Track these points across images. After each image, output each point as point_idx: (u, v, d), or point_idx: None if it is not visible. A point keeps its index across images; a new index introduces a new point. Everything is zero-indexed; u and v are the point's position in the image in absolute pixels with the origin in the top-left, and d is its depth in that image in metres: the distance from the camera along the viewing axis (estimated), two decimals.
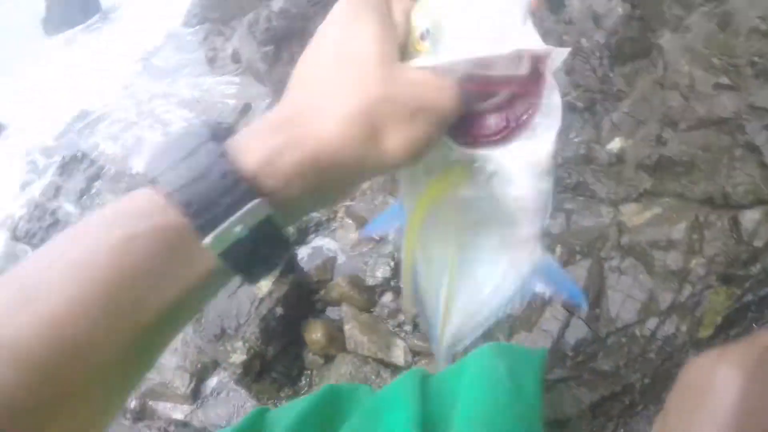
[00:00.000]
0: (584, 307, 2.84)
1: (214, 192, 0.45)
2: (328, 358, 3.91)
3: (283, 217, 0.48)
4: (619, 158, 2.71)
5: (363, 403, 0.69)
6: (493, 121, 0.53)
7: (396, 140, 0.48)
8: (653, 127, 2.53)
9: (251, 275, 0.49)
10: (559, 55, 0.49)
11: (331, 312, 4.06)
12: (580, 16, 2.81)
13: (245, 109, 6.22)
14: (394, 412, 0.62)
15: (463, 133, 0.54)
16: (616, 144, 2.74)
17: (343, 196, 0.50)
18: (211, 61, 7.00)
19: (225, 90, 6.63)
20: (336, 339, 3.91)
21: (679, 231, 2.38)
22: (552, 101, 0.52)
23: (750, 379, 0.45)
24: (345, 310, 3.93)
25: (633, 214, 2.67)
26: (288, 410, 0.70)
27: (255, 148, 0.47)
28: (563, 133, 3.08)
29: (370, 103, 0.48)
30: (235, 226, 0.45)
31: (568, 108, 3.10)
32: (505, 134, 0.52)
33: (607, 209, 2.89)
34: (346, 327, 3.87)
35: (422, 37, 0.51)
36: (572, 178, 3.23)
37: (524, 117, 0.52)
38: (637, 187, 2.64)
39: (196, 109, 6.68)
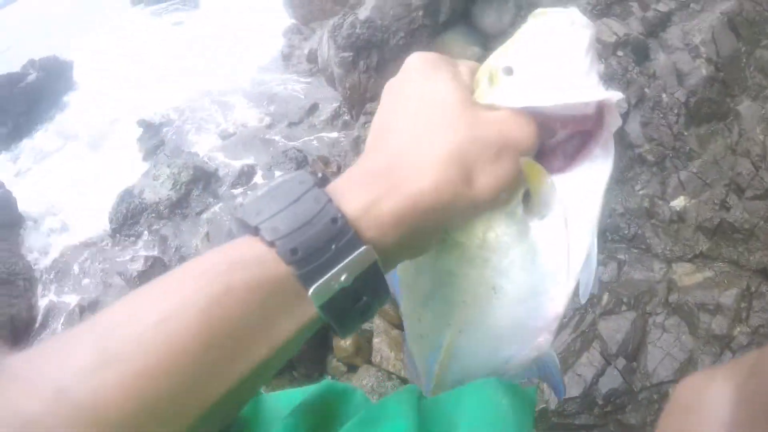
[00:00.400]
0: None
1: (322, 238, 0.45)
2: (352, 368, 4.12)
3: (382, 265, 0.48)
4: (681, 217, 2.86)
5: (360, 410, 0.67)
6: (556, 153, 0.58)
7: (485, 179, 0.51)
8: (719, 191, 2.69)
9: (347, 327, 0.49)
10: (618, 98, 0.56)
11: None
12: (665, 71, 3.00)
13: (312, 109, 6.58)
14: (392, 423, 0.61)
15: None
16: (679, 202, 2.90)
17: (434, 242, 0.55)
18: (286, 57, 7.41)
19: (295, 87, 7.01)
20: (363, 350, 4.12)
21: (728, 297, 2.53)
22: (610, 139, 0.58)
23: (741, 394, 0.45)
24: (377, 323, 4.14)
25: (685, 274, 2.81)
26: (284, 397, 0.70)
27: (355, 196, 0.48)
28: (629, 184, 3.26)
29: (460, 146, 0.51)
30: (341, 274, 0.45)
31: (638, 160, 3.29)
32: (566, 164, 0.57)
33: (660, 265, 3.04)
34: (376, 340, 4.08)
35: (506, 72, 0.56)
36: (630, 229, 3.39)
37: (585, 149, 0.57)
38: (693, 248, 2.80)
39: (260, 99, 7.08)
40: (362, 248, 0.46)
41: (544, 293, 0.58)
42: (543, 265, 0.57)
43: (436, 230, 0.53)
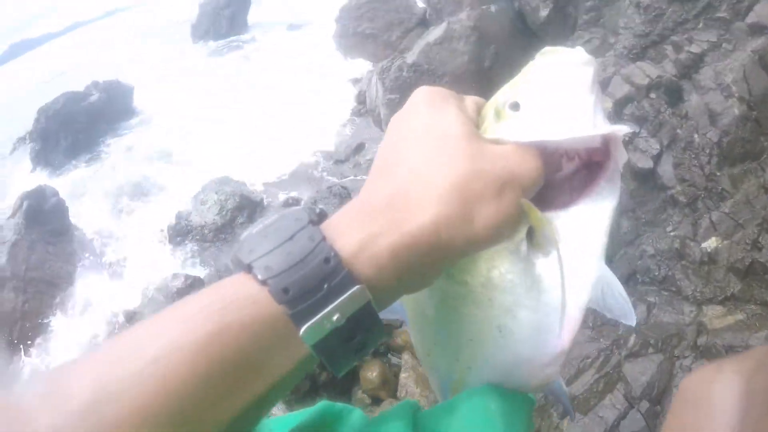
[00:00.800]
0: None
1: (315, 278, 0.44)
2: (376, 401, 4.06)
3: (377, 303, 0.47)
4: (712, 258, 2.78)
5: (357, 426, 0.66)
6: (562, 187, 0.57)
7: (487, 215, 0.49)
8: (751, 231, 2.60)
9: (340, 365, 0.48)
10: (624, 131, 0.55)
11: (392, 357, 4.25)
12: (697, 112, 2.96)
13: (359, 148, 6.72)
14: None
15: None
16: (711, 243, 2.82)
17: (434, 278, 0.53)
18: (337, 96, 7.65)
19: (343, 126, 7.21)
20: (389, 383, 4.06)
21: (758, 339, 2.41)
22: (616, 173, 0.57)
23: (748, 387, 0.45)
24: (406, 358, 4.09)
25: (715, 317, 2.69)
26: (281, 421, 0.68)
27: (352, 233, 0.47)
28: (661, 226, 3.19)
29: (462, 180, 0.49)
30: (333, 314, 0.44)
31: (670, 201, 3.22)
32: (572, 198, 0.56)
33: (690, 308, 2.90)
34: (403, 375, 4.02)
35: (512, 107, 0.55)
36: (661, 271, 3.28)
37: (591, 183, 0.56)
38: (725, 290, 2.70)
39: (309, 135, 7.29)
40: (355, 288, 0.45)
41: (550, 331, 0.57)
42: (548, 303, 0.56)
43: (435, 267, 0.51)
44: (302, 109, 7.89)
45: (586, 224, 0.55)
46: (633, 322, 0.56)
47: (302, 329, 0.43)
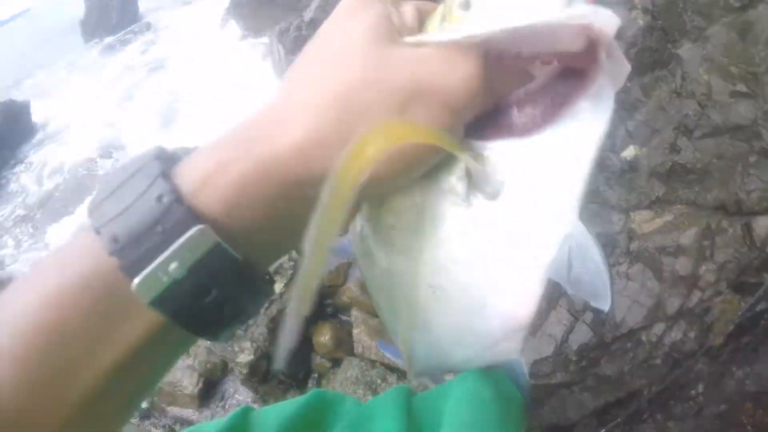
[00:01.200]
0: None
1: (146, 221, 0.35)
2: (335, 362, 3.95)
3: (244, 252, 0.37)
4: (632, 166, 2.75)
5: (350, 414, 0.61)
6: (525, 107, 0.41)
7: None
8: (668, 136, 2.57)
9: (209, 331, 0.38)
10: (609, 24, 0.39)
11: (341, 317, 4.14)
12: None
13: None
14: (381, 424, 0.56)
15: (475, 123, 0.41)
16: (629, 152, 2.78)
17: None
18: (242, 65, 7.28)
19: (255, 95, 6.88)
20: (344, 343, 3.95)
21: (688, 237, 2.41)
22: (606, 88, 0.41)
23: None
24: (355, 314, 3.97)
25: (644, 222, 2.69)
26: (274, 412, 0.62)
27: (198, 165, 0.37)
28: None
29: (346, 91, 0.37)
30: (170, 263, 0.34)
31: None
32: (537, 123, 0.41)
33: (618, 216, 2.88)
34: (355, 331, 3.91)
35: (462, 6, 0.40)
36: None
37: (566, 101, 0.40)
38: (649, 195, 2.68)
39: (221, 108, 6.94)
40: (194, 229, 0.35)
41: (500, 298, 0.44)
42: (495, 262, 0.43)
43: (307, 209, 0.36)
44: (213, 88, 7.50)
45: (554, 160, 0.40)
46: (606, 307, 0.43)
47: (134, 283, 0.35)
